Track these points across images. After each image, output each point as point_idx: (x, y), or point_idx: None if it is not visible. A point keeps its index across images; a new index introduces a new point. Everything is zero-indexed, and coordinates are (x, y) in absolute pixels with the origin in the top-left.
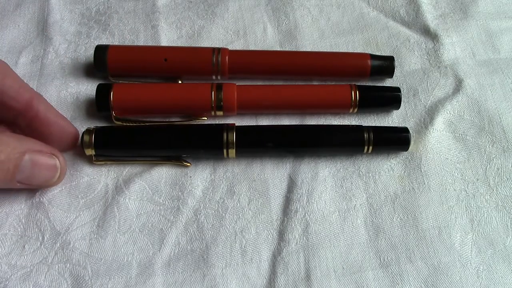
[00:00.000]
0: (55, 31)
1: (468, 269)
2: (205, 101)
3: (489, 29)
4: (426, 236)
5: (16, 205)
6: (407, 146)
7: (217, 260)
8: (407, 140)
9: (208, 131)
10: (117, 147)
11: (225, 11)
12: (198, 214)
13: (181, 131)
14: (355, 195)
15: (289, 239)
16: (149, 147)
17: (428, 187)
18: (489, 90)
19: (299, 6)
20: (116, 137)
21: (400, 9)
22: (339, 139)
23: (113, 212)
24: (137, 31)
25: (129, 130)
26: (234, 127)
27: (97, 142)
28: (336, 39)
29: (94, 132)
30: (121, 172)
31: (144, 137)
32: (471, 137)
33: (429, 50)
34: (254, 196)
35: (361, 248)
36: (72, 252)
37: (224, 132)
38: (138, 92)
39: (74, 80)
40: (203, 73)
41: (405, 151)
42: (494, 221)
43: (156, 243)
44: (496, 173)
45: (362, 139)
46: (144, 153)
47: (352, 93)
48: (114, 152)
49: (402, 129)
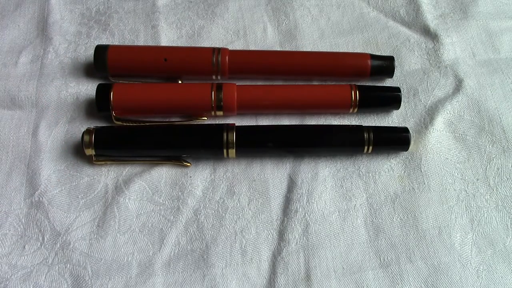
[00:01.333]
0: (55, 31)
1: (468, 269)
2: (205, 101)
3: (489, 29)
4: (426, 236)
5: (15, 204)
6: (407, 146)
7: (217, 260)
8: (407, 140)
9: (208, 131)
10: (117, 147)
11: (225, 11)
12: (198, 214)
13: (181, 131)
14: (355, 195)
15: (289, 239)
16: (149, 147)
17: (428, 187)
18: (489, 90)
19: (299, 6)
20: (116, 137)
21: (400, 9)
22: (339, 139)
23: (113, 212)
24: (137, 31)
25: (129, 130)
26: (234, 127)
27: (97, 142)
28: (336, 39)
29: (94, 132)
30: (121, 172)
31: (144, 137)
32: (471, 137)
33: (429, 50)
34: (254, 196)
35: (361, 248)
36: (72, 253)
37: (224, 132)
38: (138, 92)
39: (74, 80)
40: (203, 73)
41: (405, 151)
42: (494, 221)
43: (156, 243)
44: (496, 173)
45: (362, 139)
46: (144, 153)
47: (352, 93)
48: (114, 152)
49: (402, 129)
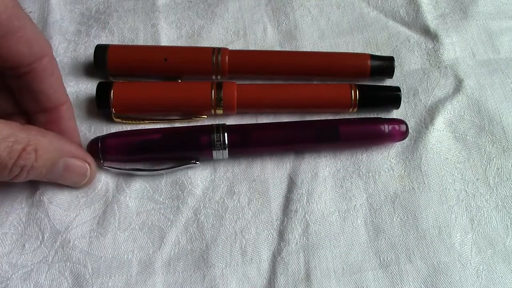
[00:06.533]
0: (54, 31)
1: (468, 269)
2: (205, 99)
3: (489, 29)
4: (426, 236)
5: (16, 204)
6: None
7: (217, 260)
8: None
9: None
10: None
11: (225, 11)
12: (198, 214)
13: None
14: (355, 195)
15: (289, 239)
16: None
17: (428, 187)
18: (489, 90)
19: (299, 6)
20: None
21: (400, 9)
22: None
23: (113, 210)
24: (137, 29)
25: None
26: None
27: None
28: (336, 39)
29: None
30: (121, 171)
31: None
32: (471, 137)
33: (429, 50)
34: (254, 196)
35: (361, 248)
36: (72, 251)
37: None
38: (138, 90)
39: (74, 79)
40: (203, 73)
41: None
42: (494, 221)
43: (156, 241)
44: (496, 173)
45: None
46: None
47: (352, 92)
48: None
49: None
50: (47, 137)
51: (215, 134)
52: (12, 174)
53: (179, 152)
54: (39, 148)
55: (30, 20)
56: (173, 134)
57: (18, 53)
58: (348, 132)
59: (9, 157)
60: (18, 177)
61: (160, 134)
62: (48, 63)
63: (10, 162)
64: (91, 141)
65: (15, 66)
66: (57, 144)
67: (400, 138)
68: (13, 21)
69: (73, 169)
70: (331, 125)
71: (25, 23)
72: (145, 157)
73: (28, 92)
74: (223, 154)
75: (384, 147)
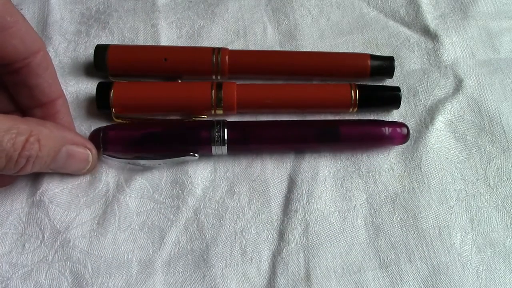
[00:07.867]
0: (54, 31)
1: (468, 269)
2: (205, 99)
3: (489, 29)
4: (426, 236)
5: (17, 204)
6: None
7: (217, 260)
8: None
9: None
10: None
11: (225, 11)
12: (198, 214)
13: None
14: (355, 195)
15: (289, 239)
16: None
17: (428, 187)
18: (489, 90)
19: (299, 6)
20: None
21: (400, 9)
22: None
23: (113, 209)
24: (137, 29)
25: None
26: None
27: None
28: (336, 39)
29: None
30: (122, 170)
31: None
32: (471, 137)
33: (429, 50)
34: (254, 196)
35: (361, 248)
36: (72, 250)
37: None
38: (138, 90)
39: (73, 79)
40: (203, 73)
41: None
42: (494, 221)
43: (156, 241)
44: (496, 173)
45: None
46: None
47: (352, 92)
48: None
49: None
50: (47, 127)
51: (215, 129)
52: (18, 166)
53: (179, 146)
54: (42, 138)
55: (22, 16)
56: (174, 127)
57: (13, 48)
58: (348, 133)
59: (14, 149)
60: (24, 169)
61: (161, 127)
62: (42, 57)
63: (15, 154)
64: (92, 131)
65: (10, 61)
66: (57, 133)
67: (400, 141)
68: (6, 17)
69: (75, 155)
70: (332, 126)
71: (18, 18)
72: (145, 149)
73: (24, 88)
74: (222, 150)
75: (385, 148)
